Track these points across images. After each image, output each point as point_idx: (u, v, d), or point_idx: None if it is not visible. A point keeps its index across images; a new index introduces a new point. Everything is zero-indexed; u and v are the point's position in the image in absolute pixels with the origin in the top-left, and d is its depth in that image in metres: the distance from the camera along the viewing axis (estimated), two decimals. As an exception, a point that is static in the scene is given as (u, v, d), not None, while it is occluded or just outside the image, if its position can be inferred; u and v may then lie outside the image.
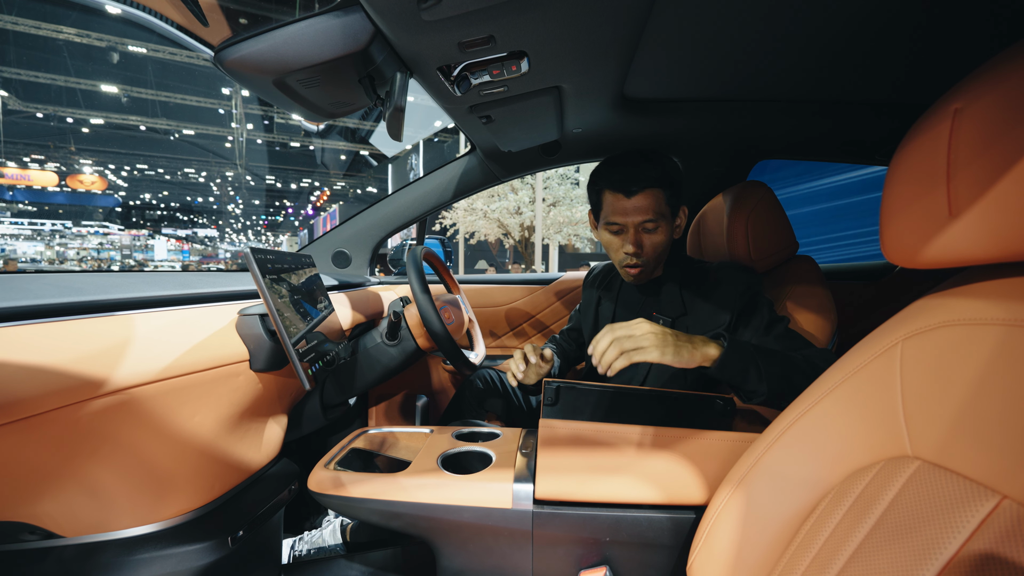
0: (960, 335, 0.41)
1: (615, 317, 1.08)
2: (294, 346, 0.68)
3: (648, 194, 0.90)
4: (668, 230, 0.94)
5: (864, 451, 0.46)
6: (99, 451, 0.55)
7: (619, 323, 0.74)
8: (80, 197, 33.64)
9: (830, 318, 0.86)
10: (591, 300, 1.16)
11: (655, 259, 0.95)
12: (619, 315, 1.07)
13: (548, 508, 0.66)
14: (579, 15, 0.66)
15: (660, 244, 0.93)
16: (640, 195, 0.90)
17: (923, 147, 0.43)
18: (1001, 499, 0.34)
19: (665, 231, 0.93)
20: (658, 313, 0.97)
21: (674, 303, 0.95)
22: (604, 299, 1.13)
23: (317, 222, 29.67)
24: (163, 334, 0.62)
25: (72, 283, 0.62)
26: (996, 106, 0.38)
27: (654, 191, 0.90)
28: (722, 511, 0.56)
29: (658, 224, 0.92)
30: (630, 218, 0.92)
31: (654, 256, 0.95)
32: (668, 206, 0.93)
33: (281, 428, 0.88)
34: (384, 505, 0.68)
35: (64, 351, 0.50)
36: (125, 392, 0.55)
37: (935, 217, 0.41)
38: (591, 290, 1.18)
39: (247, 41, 0.62)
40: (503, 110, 0.95)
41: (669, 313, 0.95)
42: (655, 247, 0.93)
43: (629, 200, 0.91)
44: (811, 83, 1.04)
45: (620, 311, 1.07)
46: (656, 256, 0.95)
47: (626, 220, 0.92)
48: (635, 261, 0.94)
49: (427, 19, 0.60)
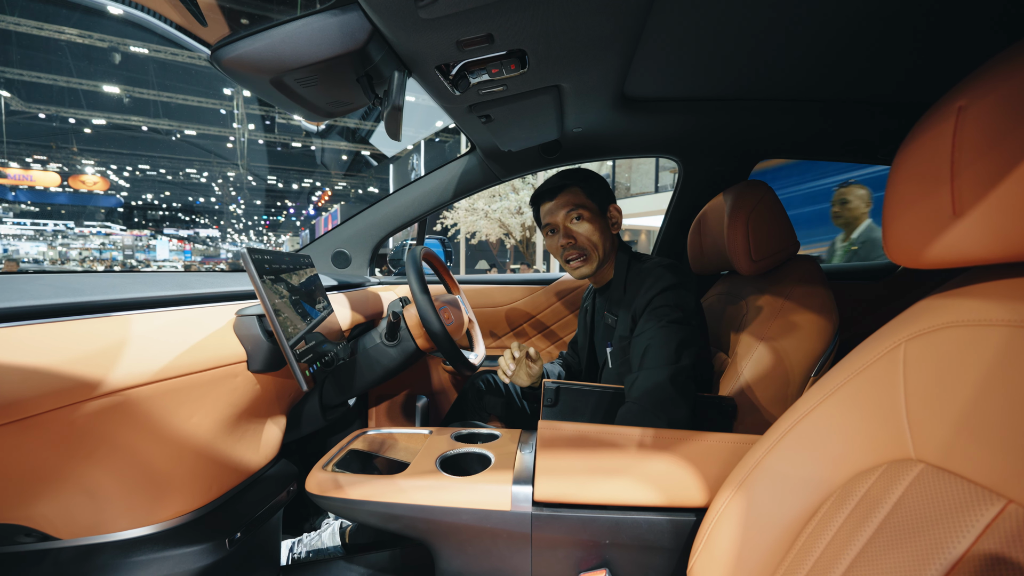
0: (964, 336, 0.40)
1: (593, 321, 1.18)
2: (292, 347, 0.68)
3: (566, 192, 1.05)
4: (598, 222, 1.05)
5: (867, 453, 0.45)
6: (96, 452, 0.55)
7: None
8: (82, 197, 33.71)
9: (832, 319, 0.86)
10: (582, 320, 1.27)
11: (591, 248, 1.04)
12: (595, 324, 1.16)
13: (547, 510, 0.66)
14: (578, 13, 0.65)
15: (591, 233, 1.03)
16: (560, 195, 1.06)
17: (927, 146, 0.42)
18: (1007, 503, 0.33)
19: (594, 222, 1.04)
20: (608, 312, 1.07)
21: (617, 300, 1.04)
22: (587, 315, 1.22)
23: (319, 222, 29.71)
24: (160, 334, 0.62)
25: (69, 283, 0.62)
26: (1001, 103, 0.37)
27: (571, 188, 1.05)
28: (723, 513, 0.56)
29: (581, 214, 1.04)
30: (557, 215, 1.06)
31: (589, 245, 1.04)
32: (590, 200, 1.05)
33: (280, 429, 0.87)
34: (383, 507, 0.68)
35: (61, 352, 0.50)
36: (122, 393, 0.54)
37: (939, 216, 0.41)
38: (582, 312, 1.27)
39: (244, 40, 0.62)
40: (502, 109, 0.94)
41: (614, 312, 1.05)
42: (587, 236, 1.04)
43: (552, 201, 1.07)
44: (813, 82, 1.04)
45: (596, 320, 1.16)
46: (591, 245, 1.04)
47: (554, 218, 1.06)
48: (573, 253, 1.04)
49: (425, 17, 0.59)
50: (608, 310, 1.08)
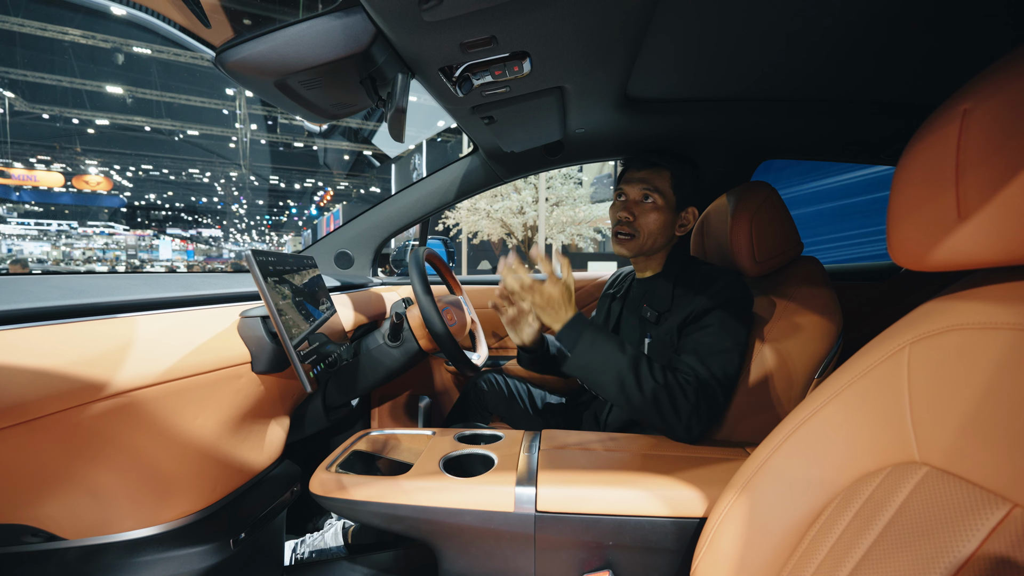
0: (969, 339, 0.40)
1: (621, 314, 1.10)
2: (296, 348, 0.68)
3: (653, 171, 0.99)
4: (667, 215, 0.98)
5: (871, 456, 0.45)
6: (101, 453, 0.55)
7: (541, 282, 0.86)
8: (86, 198, 33.85)
9: (835, 320, 0.85)
10: (603, 307, 1.19)
11: (647, 236, 0.98)
12: (624, 313, 1.09)
13: (550, 512, 0.66)
14: (582, 15, 0.65)
15: (653, 222, 0.98)
16: (647, 170, 0.99)
17: (931, 148, 0.42)
18: (1012, 507, 0.33)
19: (663, 212, 0.98)
20: (648, 306, 1.00)
21: (664, 299, 0.97)
22: (614, 302, 1.15)
23: (321, 222, 29.75)
24: (165, 336, 0.62)
25: (74, 285, 0.62)
26: (1006, 107, 0.37)
27: (660, 169, 0.98)
28: (726, 515, 0.56)
29: (655, 199, 0.97)
30: (633, 187, 1.00)
31: (646, 232, 0.98)
32: (672, 190, 0.98)
33: (283, 430, 0.87)
34: (386, 508, 0.68)
35: (66, 354, 0.50)
36: (127, 395, 0.55)
37: (944, 219, 0.41)
38: (604, 299, 1.20)
39: (248, 43, 0.62)
40: (505, 111, 0.94)
41: (658, 307, 0.98)
42: (648, 223, 0.98)
43: (637, 171, 1.00)
44: (816, 83, 1.03)
45: (626, 310, 1.09)
46: (649, 233, 0.98)
47: (629, 188, 1.00)
48: (626, 230, 0.99)
49: (428, 20, 0.59)
50: (649, 303, 1.00)
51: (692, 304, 0.90)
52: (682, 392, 0.79)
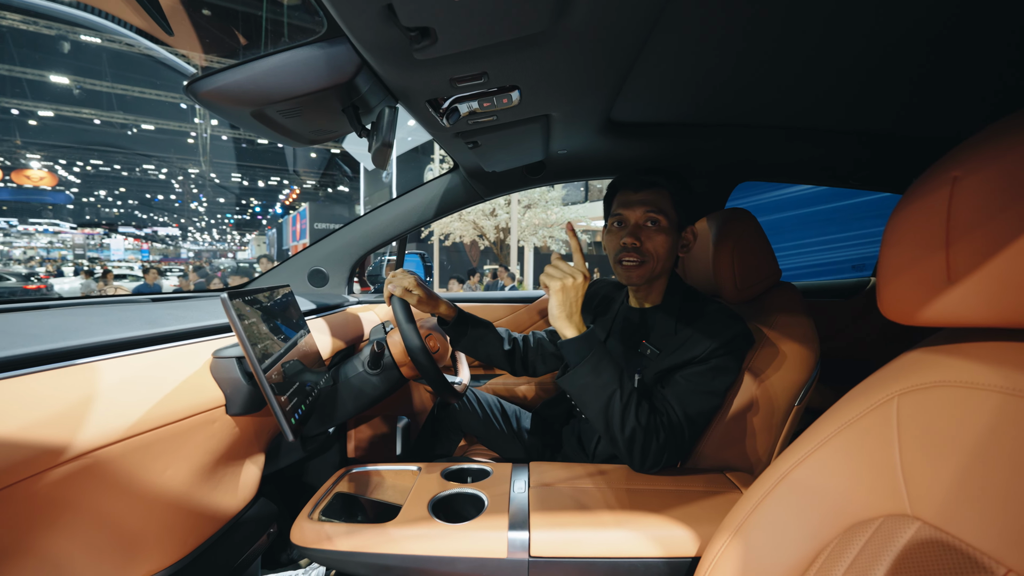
0: (956, 397, 0.42)
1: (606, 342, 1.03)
2: (275, 396, 0.65)
3: (654, 191, 0.92)
4: (672, 235, 0.92)
5: (863, 505, 0.46)
6: (59, 521, 0.50)
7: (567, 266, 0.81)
8: (26, 193, 31.54)
9: (813, 348, 0.88)
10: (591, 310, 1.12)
11: (656, 261, 0.92)
12: (611, 342, 1.03)
13: (544, 557, 0.65)
14: (574, 51, 0.64)
15: (661, 245, 0.91)
16: (647, 190, 0.92)
17: (921, 211, 0.43)
18: (1006, 572, 0.34)
19: (667, 234, 0.92)
20: (648, 343, 0.95)
21: (667, 337, 0.92)
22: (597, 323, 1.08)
23: (287, 221, 28.82)
24: (130, 384, 0.58)
25: (17, 325, 0.56)
26: (996, 179, 0.38)
27: (661, 190, 0.92)
28: (720, 558, 0.56)
29: (660, 221, 0.91)
30: (634, 210, 0.92)
31: (655, 257, 0.92)
32: (674, 210, 0.93)
33: (258, 468, 0.83)
34: (374, 558, 0.65)
35: (18, 416, 0.45)
36: (89, 455, 0.50)
37: (934, 281, 0.42)
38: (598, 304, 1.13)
39: (224, 72, 0.58)
40: (490, 136, 0.93)
41: (660, 347, 0.92)
42: (656, 246, 0.91)
43: (636, 193, 0.93)
44: (790, 110, 1.07)
45: (614, 339, 1.02)
46: (658, 258, 0.92)
47: (630, 212, 0.93)
48: (634, 257, 0.91)
49: (420, 58, 0.57)
50: (649, 339, 0.95)
51: (697, 348, 0.86)
52: (655, 435, 0.79)
